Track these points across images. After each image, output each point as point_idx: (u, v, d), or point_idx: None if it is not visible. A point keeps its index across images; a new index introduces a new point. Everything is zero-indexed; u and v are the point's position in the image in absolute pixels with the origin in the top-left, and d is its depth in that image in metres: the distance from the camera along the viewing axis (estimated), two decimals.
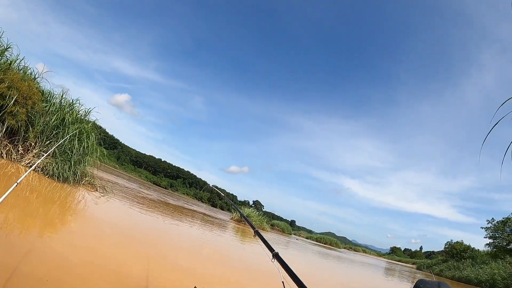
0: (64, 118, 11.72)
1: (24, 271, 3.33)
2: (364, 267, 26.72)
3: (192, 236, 12.15)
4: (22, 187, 7.91)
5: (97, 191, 12.79)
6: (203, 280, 2.14)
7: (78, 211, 8.45)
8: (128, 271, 4.77)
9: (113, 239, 6.64)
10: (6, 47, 10.57)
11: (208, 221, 22.67)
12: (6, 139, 10.09)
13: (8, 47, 10.65)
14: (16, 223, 5.18)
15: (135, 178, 58.78)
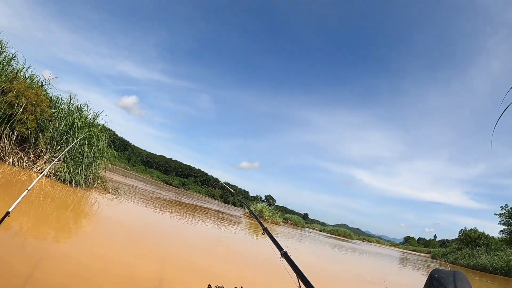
0: (73, 123, 11.82)
1: (38, 278, 3.35)
2: (378, 257, 26.64)
3: (205, 234, 12.20)
4: (35, 193, 8.00)
5: (109, 194, 12.92)
6: (218, 279, 2.15)
7: (91, 214, 8.51)
8: (142, 273, 4.79)
9: (127, 242, 6.68)
10: (12, 57, 10.69)
11: (221, 218, 22.77)
12: (17, 147, 10.23)
13: (14, 56, 10.77)
14: (30, 230, 5.24)
15: (147, 178, 59.19)
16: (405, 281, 14.20)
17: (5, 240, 4.30)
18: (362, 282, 10.76)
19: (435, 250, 55.99)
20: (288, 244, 17.36)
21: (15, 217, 5.49)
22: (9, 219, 5.03)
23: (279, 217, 37.49)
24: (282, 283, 6.53)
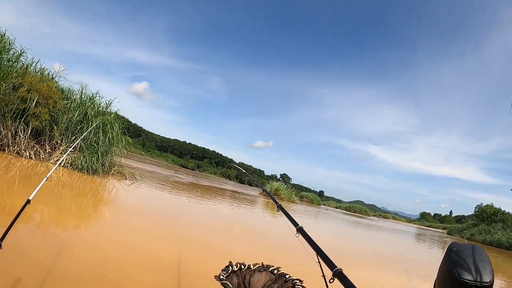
0: (86, 113, 12.04)
1: (61, 267, 3.46)
2: (395, 234, 26.66)
3: (223, 215, 12.39)
4: (54, 184, 8.25)
5: (126, 179, 13.19)
6: (237, 259, 2.24)
7: (109, 200, 8.74)
8: (163, 256, 4.91)
9: (146, 226, 6.81)
10: (20, 52, 10.83)
11: (238, 198, 23.03)
12: (33, 140, 10.48)
13: (22, 52, 10.91)
14: (51, 219, 5.41)
15: (162, 162, 59.85)
16: (423, 257, 14.28)
17: (27, 230, 4.46)
18: (381, 259, 10.84)
19: (451, 226, 55.46)
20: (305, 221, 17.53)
21: (36, 207, 5.70)
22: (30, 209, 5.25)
23: (295, 195, 37.54)
24: (302, 261, 6.67)
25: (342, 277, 1.06)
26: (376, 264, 9.36)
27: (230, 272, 2.17)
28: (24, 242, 3.93)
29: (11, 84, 9.69)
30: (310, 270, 2.93)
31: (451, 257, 1.78)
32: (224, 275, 2.03)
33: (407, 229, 39.95)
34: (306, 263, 5.41)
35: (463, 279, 1.69)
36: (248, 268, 2.31)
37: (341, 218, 32.88)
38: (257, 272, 2.29)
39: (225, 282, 1.88)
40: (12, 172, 7.92)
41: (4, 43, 10.06)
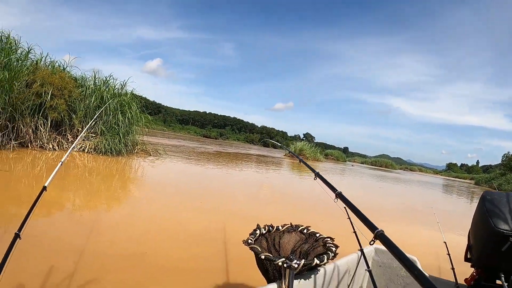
0: (102, 97, 12.24)
1: (99, 249, 3.63)
2: (422, 186, 26.26)
3: (250, 180, 12.53)
4: (81, 171, 8.54)
5: (151, 156, 13.51)
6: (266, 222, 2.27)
7: (137, 179, 9.01)
8: (193, 228, 5.05)
9: (175, 199, 6.99)
10: (28, 50, 10.96)
11: (263, 162, 23.20)
12: (54, 132, 10.84)
13: (30, 50, 11.05)
14: (83, 204, 5.64)
15: (185, 135, 60.40)
16: (453, 208, 14.15)
17: (61, 217, 4.71)
18: (411, 212, 10.84)
19: (478, 176, 53.54)
20: (332, 179, 17.59)
21: (67, 195, 5.97)
22: (61, 197, 5.48)
23: (319, 154, 37.44)
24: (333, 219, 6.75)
25: (383, 238, 1.05)
26: (406, 217, 9.32)
27: (259, 236, 2.14)
28: (58, 229, 4.14)
29: (24, 81, 9.88)
30: (341, 227, 2.97)
31: (485, 207, 1.79)
32: (252, 239, 2.00)
33: (434, 181, 39.33)
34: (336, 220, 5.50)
35: (499, 229, 1.65)
36: (277, 230, 2.27)
37: (368, 173, 32.65)
38: (286, 233, 2.26)
39: (254, 246, 1.85)
40: (38, 166, 8.24)
41: (10, 44, 10.18)
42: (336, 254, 1.91)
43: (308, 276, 1.85)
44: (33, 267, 2.96)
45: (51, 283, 2.74)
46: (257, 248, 1.85)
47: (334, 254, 1.89)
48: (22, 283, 2.65)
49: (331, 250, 1.91)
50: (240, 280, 3.43)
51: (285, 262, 1.65)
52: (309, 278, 1.85)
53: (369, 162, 63.88)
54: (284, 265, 1.65)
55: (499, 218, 1.69)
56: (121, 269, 3.28)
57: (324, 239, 2.13)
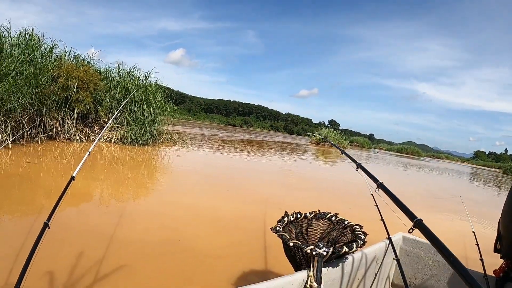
0: (127, 88, 12.38)
1: (132, 237, 3.63)
2: (449, 174, 25.62)
3: (276, 167, 12.47)
4: (108, 161, 8.65)
5: (176, 145, 13.64)
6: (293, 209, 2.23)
7: (164, 167, 9.09)
8: (223, 215, 5.05)
9: (203, 187, 7.03)
10: (52, 46, 11.16)
11: (289, 149, 23.16)
12: (81, 124, 11.04)
13: (54, 45, 11.23)
14: (112, 194, 5.70)
15: (210, 124, 60.95)
16: (481, 196, 13.75)
17: (89, 206, 4.76)
18: (439, 200, 10.59)
19: (506, 164, 51.40)
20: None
21: (95, 184, 6.04)
22: (90, 188, 5.55)
23: (345, 141, 37.09)
24: (360, 206, 6.64)
25: (422, 227, 1.03)
26: (433, 205, 9.08)
27: (287, 223, 2.12)
28: (88, 219, 4.18)
29: (49, 76, 10.06)
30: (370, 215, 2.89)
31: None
32: (280, 226, 1.99)
33: (461, 169, 38.28)
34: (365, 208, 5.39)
35: None
36: (305, 217, 2.25)
37: (394, 160, 32.11)
38: (314, 220, 2.24)
39: (282, 233, 1.84)
40: (66, 157, 8.39)
41: (34, 41, 10.36)
42: (365, 242, 1.85)
43: (336, 264, 1.80)
44: (64, 256, 2.97)
45: (82, 270, 2.74)
46: (285, 236, 1.82)
47: (363, 242, 1.83)
48: (53, 271, 2.65)
49: (360, 238, 1.86)
50: (273, 267, 3.39)
51: (313, 250, 1.60)
52: (337, 266, 1.81)
53: (395, 149, 62.76)
54: (313, 252, 1.59)
55: None
56: (157, 256, 3.29)
57: (353, 227, 2.08)
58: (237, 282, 2.99)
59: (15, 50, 9.56)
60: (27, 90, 8.87)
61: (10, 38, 9.84)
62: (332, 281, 1.81)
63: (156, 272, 2.96)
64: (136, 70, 13.64)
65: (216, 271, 3.17)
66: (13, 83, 8.45)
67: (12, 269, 2.55)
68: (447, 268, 2.42)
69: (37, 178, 5.94)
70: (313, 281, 1.59)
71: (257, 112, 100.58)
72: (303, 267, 1.72)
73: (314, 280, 1.59)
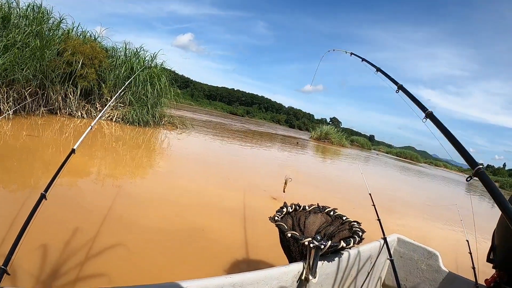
0: (132, 67, 12.28)
1: (127, 217, 3.67)
2: (446, 182, 25.72)
3: (275, 159, 12.49)
4: (108, 139, 8.65)
5: (177, 129, 13.62)
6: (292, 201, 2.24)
7: (163, 150, 9.10)
8: (228, 205, 5.07)
9: (205, 174, 7.04)
10: (60, 20, 11.04)
11: (289, 143, 23.14)
12: (83, 100, 10.99)
13: (62, 19, 11.10)
14: (111, 173, 5.71)
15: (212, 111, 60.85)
16: (476, 207, 13.81)
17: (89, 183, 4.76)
18: (434, 207, 10.66)
19: (503, 179, 51.55)
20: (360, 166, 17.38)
21: (94, 162, 6.04)
22: (88, 164, 5.54)
23: (345, 139, 36.89)
24: (355, 201, 6.65)
25: (483, 177, 0.98)
26: (429, 212, 9.16)
27: (285, 214, 2.14)
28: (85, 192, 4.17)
29: (55, 50, 9.98)
30: (367, 211, 2.89)
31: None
32: (278, 216, 2.01)
33: (459, 179, 38.40)
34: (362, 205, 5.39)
35: None
36: (303, 210, 2.27)
37: (392, 163, 32.14)
38: (313, 213, 2.25)
39: (280, 223, 1.86)
40: (66, 132, 8.37)
41: (42, 14, 10.26)
42: (362, 238, 1.87)
43: (331, 259, 1.82)
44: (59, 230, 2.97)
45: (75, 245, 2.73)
46: (284, 226, 1.84)
47: (360, 239, 1.85)
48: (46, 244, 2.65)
49: (358, 235, 1.87)
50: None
51: (311, 242, 1.60)
52: (332, 260, 1.82)
53: (394, 153, 62.65)
54: (311, 245, 1.59)
55: None
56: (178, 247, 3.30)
57: (351, 223, 2.10)
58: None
59: (22, 22, 9.47)
60: (32, 62, 8.81)
61: (19, 9, 9.73)
62: (327, 275, 1.82)
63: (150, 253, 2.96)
64: (143, 51, 13.53)
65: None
66: (18, 54, 8.39)
67: (5, 239, 2.55)
68: (439, 273, 2.46)
69: (36, 151, 5.93)
70: (308, 273, 1.60)
71: (260, 103, 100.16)
72: (298, 259, 1.73)
73: (309, 273, 1.59)
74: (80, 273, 2.47)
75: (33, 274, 2.32)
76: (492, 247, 1.95)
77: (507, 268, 1.81)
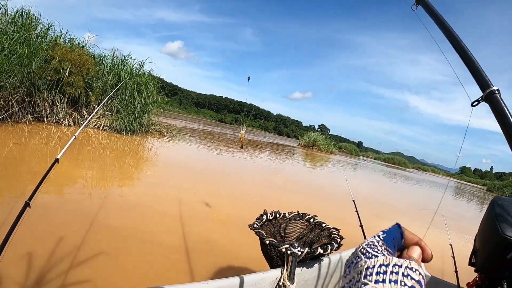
0: (120, 75, 12.30)
1: (111, 223, 3.73)
2: (433, 187, 26.00)
3: (264, 168, 12.50)
4: (95, 148, 8.63)
5: (165, 137, 13.61)
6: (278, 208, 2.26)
7: (150, 159, 9.08)
8: (220, 213, 5.12)
9: (194, 183, 7.05)
10: (48, 27, 11.05)
11: (278, 150, 23.19)
12: (70, 108, 10.95)
13: (50, 26, 11.13)
14: (97, 182, 5.70)
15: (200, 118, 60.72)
16: (462, 211, 14.03)
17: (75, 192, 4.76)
18: (420, 211, 10.87)
19: (491, 182, 52.30)
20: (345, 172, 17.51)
21: (80, 172, 6.04)
22: (74, 173, 5.54)
23: (333, 146, 37.09)
24: (338, 208, 6.73)
25: (493, 101, 0.91)
26: (414, 216, 9.35)
27: (265, 221, 2.14)
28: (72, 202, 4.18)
29: (43, 57, 9.95)
30: (348, 218, 2.96)
31: (495, 211, 1.73)
32: (258, 224, 2.00)
33: (446, 183, 38.84)
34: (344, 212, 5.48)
35: (507, 236, 1.58)
36: (284, 217, 2.27)
37: (380, 169, 32.47)
38: (293, 221, 2.25)
39: (259, 231, 1.86)
40: (53, 141, 8.33)
41: (30, 20, 10.26)
42: (340, 245, 1.90)
43: (311, 265, 1.85)
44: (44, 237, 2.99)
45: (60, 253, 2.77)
46: (262, 233, 1.85)
47: (338, 245, 1.88)
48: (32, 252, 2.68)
49: (336, 241, 1.90)
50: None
51: (288, 249, 1.65)
52: (311, 267, 1.85)
53: (382, 159, 63.22)
54: (288, 251, 1.64)
55: (508, 225, 1.62)
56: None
57: (330, 230, 2.11)
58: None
59: (11, 28, 9.46)
60: (19, 69, 8.79)
61: (7, 15, 9.73)
62: (306, 282, 1.85)
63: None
64: (131, 59, 13.59)
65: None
66: (5, 61, 8.37)
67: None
68: None
69: (22, 160, 5.92)
70: (286, 279, 1.65)
71: (248, 111, 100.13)
72: (279, 265, 1.77)
73: (287, 279, 1.65)
74: (66, 280, 2.51)
75: (18, 282, 2.35)
76: (473, 251, 1.96)
77: (488, 272, 1.81)
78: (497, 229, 1.61)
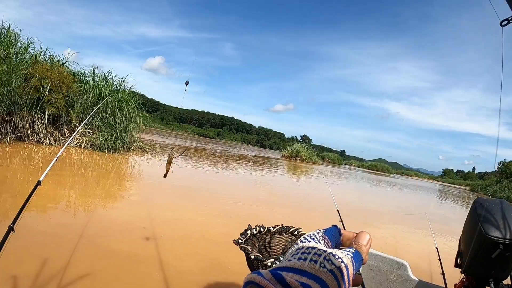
0: (100, 93, 12.22)
1: (98, 244, 3.72)
2: (417, 191, 26.52)
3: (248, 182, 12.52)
4: (77, 167, 8.53)
5: (147, 154, 13.50)
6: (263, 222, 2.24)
7: (133, 176, 9.02)
8: (213, 231, 5.10)
9: (181, 200, 7.05)
10: (28, 44, 10.96)
11: (261, 163, 23.23)
12: (51, 127, 10.82)
13: (29, 43, 11.05)
14: (79, 201, 5.66)
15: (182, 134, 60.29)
16: (447, 214, 14.31)
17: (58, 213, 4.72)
18: (405, 215, 11.05)
19: (474, 183, 53.54)
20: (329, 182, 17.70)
21: (62, 192, 5.98)
22: (57, 194, 5.49)
23: (316, 156, 37.38)
24: (324, 218, 6.78)
25: None
26: (400, 221, 9.48)
27: (250, 236, 2.13)
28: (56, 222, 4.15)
29: (22, 75, 9.88)
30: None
31: (477, 212, 1.75)
32: (243, 239, 2.00)
33: (430, 186, 39.48)
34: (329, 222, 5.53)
35: (490, 236, 1.62)
36: (268, 231, 2.27)
37: (364, 176, 32.81)
38: (277, 234, 2.27)
39: (244, 246, 1.86)
40: (34, 160, 8.23)
41: (10, 37, 10.17)
42: None
43: None
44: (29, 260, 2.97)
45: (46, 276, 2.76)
46: (247, 248, 1.85)
47: None
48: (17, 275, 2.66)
49: None
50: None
51: (274, 263, 1.65)
52: None
53: (365, 166, 64.09)
54: (273, 265, 1.65)
55: (491, 225, 1.66)
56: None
57: None
58: None
59: None
60: None
61: None
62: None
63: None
64: (111, 75, 13.52)
65: None
66: None
67: None
68: (409, 282, 2.52)
69: (3, 181, 5.84)
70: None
71: (230, 124, 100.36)
72: None
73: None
74: None
75: None
76: (459, 252, 2.00)
77: (474, 272, 1.83)
78: (481, 230, 1.65)
